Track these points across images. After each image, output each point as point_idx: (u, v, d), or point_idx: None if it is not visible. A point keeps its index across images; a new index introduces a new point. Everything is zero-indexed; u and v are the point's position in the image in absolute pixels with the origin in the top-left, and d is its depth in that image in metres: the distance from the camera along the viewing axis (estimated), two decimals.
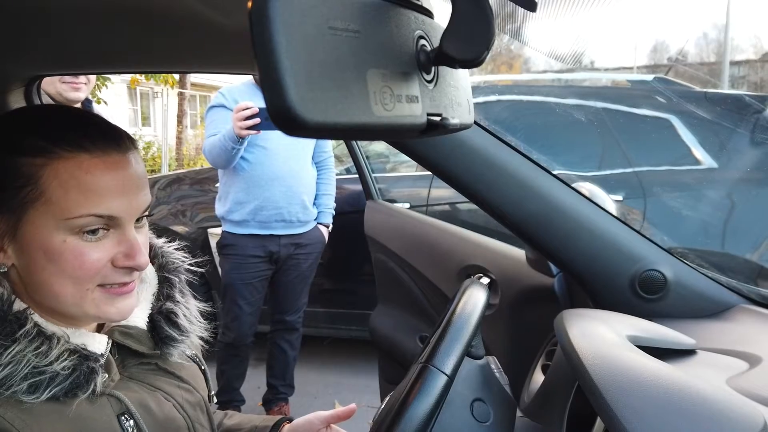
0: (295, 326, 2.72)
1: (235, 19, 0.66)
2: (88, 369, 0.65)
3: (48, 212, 0.62)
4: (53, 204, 0.62)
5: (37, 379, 0.61)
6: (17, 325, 0.62)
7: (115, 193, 0.64)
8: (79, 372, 0.64)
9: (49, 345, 0.63)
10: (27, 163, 0.62)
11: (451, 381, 0.68)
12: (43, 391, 0.61)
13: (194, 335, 0.82)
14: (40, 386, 0.61)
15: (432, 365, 0.68)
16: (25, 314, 0.64)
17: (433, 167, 1.01)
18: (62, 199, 0.62)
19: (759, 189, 2.65)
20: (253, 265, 2.52)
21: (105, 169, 0.64)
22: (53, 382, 0.62)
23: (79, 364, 0.65)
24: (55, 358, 0.63)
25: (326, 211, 2.67)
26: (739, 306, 0.97)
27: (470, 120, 0.55)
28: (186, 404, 0.78)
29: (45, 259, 0.63)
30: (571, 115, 2.96)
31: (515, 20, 0.73)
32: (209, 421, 0.84)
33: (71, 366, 0.64)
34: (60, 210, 0.62)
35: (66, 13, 0.71)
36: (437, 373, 0.67)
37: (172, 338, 0.78)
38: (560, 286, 1.24)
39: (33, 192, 0.62)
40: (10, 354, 0.61)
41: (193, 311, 0.83)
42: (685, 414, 0.55)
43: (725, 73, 12.39)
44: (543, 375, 0.99)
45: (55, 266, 0.63)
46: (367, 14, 0.37)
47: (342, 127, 0.34)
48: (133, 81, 11.29)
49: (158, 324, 0.78)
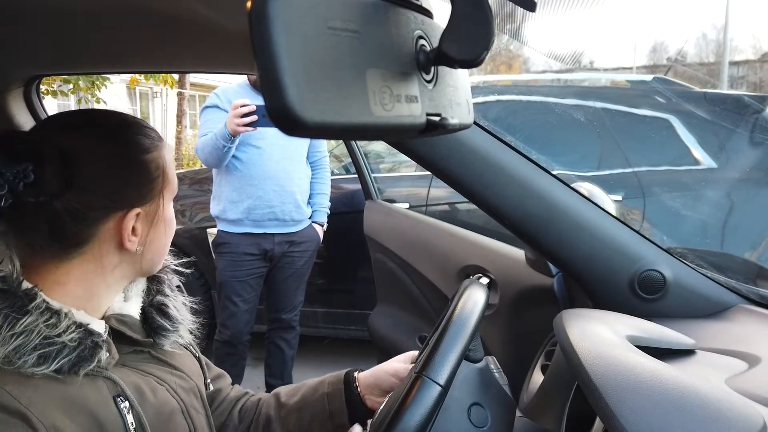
0: (292, 324, 2.73)
1: (234, 19, 0.66)
2: (92, 344, 0.70)
3: (170, 190, 0.80)
4: (172, 182, 0.80)
5: (47, 350, 0.66)
6: (27, 300, 0.67)
7: None
8: (84, 346, 0.69)
9: (58, 318, 0.68)
10: (153, 157, 0.77)
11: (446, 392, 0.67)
12: (51, 362, 0.65)
13: (184, 328, 0.87)
14: (48, 357, 0.65)
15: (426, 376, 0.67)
16: (34, 291, 0.68)
17: (433, 167, 1.01)
18: (172, 180, 0.80)
19: (758, 189, 2.66)
20: (247, 262, 2.53)
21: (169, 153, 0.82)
22: (61, 354, 0.66)
23: (84, 338, 0.69)
24: (64, 330, 0.68)
25: (321, 210, 2.68)
26: (738, 306, 0.97)
27: (469, 120, 0.55)
28: (179, 389, 0.81)
29: (168, 227, 0.81)
30: (571, 115, 2.96)
31: (515, 20, 0.73)
32: (204, 407, 0.87)
33: (78, 339, 0.68)
34: (174, 185, 0.81)
35: (66, 13, 0.71)
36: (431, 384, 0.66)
37: (163, 328, 0.83)
38: (559, 286, 1.24)
39: (164, 180, 0.78)
40: (23, 324, 0.65)
41: (183, 306, 0.89)
42: (684, 414, 0.55)
43: (724, 74, 12.40)
44: (542, 375, 0.99)
45: (171, 229, 0.82)
46: (367, 14, 0.38)
47: (341, 127, 0.34)
48: (132, 81, 11.28)
49: (150, 315, 0.83)
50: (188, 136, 11.99)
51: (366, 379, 0.97)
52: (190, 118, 13.60)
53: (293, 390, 1.01)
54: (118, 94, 12.77)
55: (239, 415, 1.01)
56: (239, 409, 1.01)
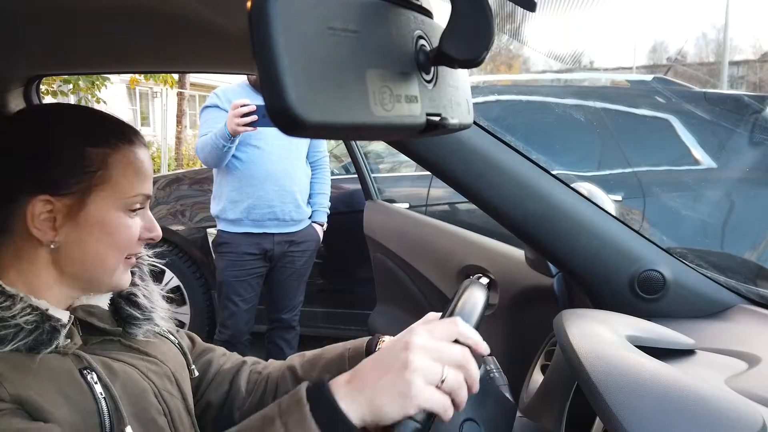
0: (292, 324, 2.73)
1: (234, 19, 0.66)
2: (50, 328, 0.70)
3: (110, 194, 0.74)
4: (115, 186, 0.74)
5: (2, 332, 0.67)
6: None
7: (150, 176, 0.79)
8: (42, 330, 0.69)
9: (12, 301, 0.69)
10: (96, 152, 0.73)
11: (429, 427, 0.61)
12: (8, 344, 0.67)
13: (158, 316, 0.86)
14: (5, 339, 0.67)
15: None
16: None
17: (433, 167, 1.01)
18: (122, 182, 0.75)
19: (758, 189, 2.66)
20: (247, 262, 2.53)
21: (143, 156, 0.78)
22: (17, 337, 0.67)
23: (42, 322, 0.70)
24: (18, 312, 0.69)
25: (321, 209, 2.69)
26: (738, 306, 0.97)
27: (469, 120, 0.55)
28: (150, 373, 0.81)
29: (101, 233, 0.74)
30: (571, 115, 2.96)
31: (514, 20, 0.73)
32: (180, 391, 0.85)
33: (34, 321, 0.69)
34: (120, 191, 0.75)
35: (66, 13, 0.71)
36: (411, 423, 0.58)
37: (133, 317, 0.83)
38: (559, 286, 1.24)
39: (101, 177, 0.73)
40: None
41: (155, 295, 0.88)
42: (684, 414, 0.55)
43: (724, 73, 12.41)
44: (542, 375, 0.99)
45: (110, 239, 0.75)
46: (367, 14, 0.38)
47: (341, 127, 0.34)
48: (132, 81, 11.26)
49: (119, 305, 0.83)
50: (188, 136, 11.98)
51: None
52: (190, 118, 13.59)
53: (309, 364, 0.96)
54: (117, 94, 12.77)
55: (246, 386, 0.97)
56: (245, 381, 0.98)
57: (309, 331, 3.24)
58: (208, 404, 0.96)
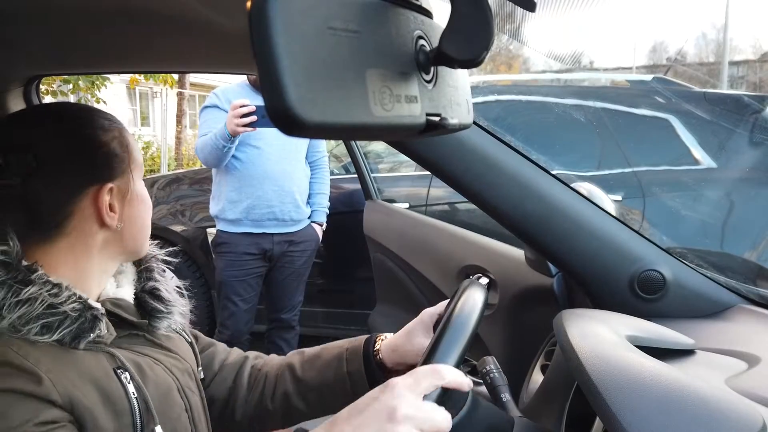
0: (292, 324, 2.74)
1: (234, 19, 0.66)
2: (92, 316, 0.72)
3: (136, 167, 0.82)
4: (136, 161, 0.82)
5: (50, 319, 0.69)
6: (29, 272, 0.70)
7: None
8: (84, 318, 0.71)
9: (59, 289, 0.71)
10: (114, 136, 0.79)
11: None
12: (54, 332, 0.69)
13: (177, 311, 0.88)
14: (51, 327, 0.69)
15: None
16: (35, 266, 0.72)
17: (433, 167, 1.01)
18: (137, 156, 0.83)
19: (758, 189, 2.65)
20: (246, 262, 2.54)
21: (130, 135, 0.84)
22: (63, 324, 0.69)
23: (84, 310, 0.72)
24: (65, 300, 0.71)
25: (320, 209, 2.69)
26: (738, 306, 0.97)
27: (469, 120, 0.55)
28: (174, 369, 0.83)
29: (142, 204, 0.82)
30: (570, 115, 2.96)
31: (514, 20, 0.73)
32: (198, 387, 0.88)
33: (78, 309, 0.71)
34: (139, 164, 0.83)
35: (66, 13, 0.71)
36: None
37: (157, 310, 0.85)
38: (559, 286, 1.24)
39: (129, 156, 0.81)
40: (27, 292, 0.68)
41: (173, 291, 0.90)
42: (684, 414, 0.55)
43: (724, 73, 12.40)
44: (542, 375, 0.99)
45: (148, 207, 0.84)
46: (367, 14, 0.38)
47: (341, 127, 0.34)
48: (132, 81, 11.26)
49: (143, 299, 0.85)
50: (188, 136, 11.98)
51: (390, 356, 0.93)
52: (190, 118, 13.59)
53: (308, 363, 0.98)
54: (117, 94, 12.76)
55: (248, 381, 0.99)
56: (247, 376, 0.99)
57: (309, 330, 3.24)
58: (212, 399, 0.97)
